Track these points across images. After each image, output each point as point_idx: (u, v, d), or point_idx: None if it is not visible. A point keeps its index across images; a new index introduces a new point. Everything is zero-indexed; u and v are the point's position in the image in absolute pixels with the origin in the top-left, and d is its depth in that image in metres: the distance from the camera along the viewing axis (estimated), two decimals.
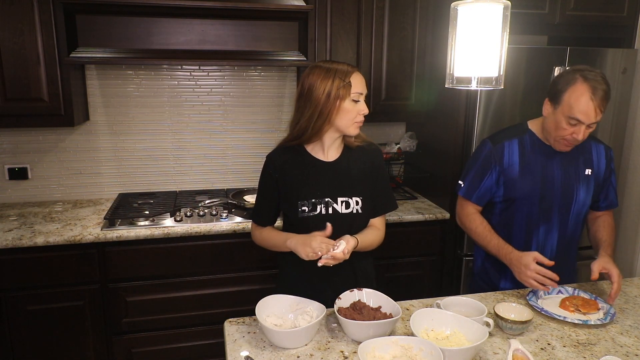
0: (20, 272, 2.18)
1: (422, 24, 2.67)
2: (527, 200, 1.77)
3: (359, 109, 1.54)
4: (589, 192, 1.79)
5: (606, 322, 1.51)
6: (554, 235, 1.81)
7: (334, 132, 1.58)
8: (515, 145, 1.78)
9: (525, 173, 1.76)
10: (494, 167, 1.79)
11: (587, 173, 1.78)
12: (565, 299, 1.64)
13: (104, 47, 2.35)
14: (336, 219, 1.58)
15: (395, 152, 2.97)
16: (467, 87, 1.27)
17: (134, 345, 2.38)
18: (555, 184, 1.76)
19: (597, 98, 1.58)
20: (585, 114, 1.59)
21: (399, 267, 2.64)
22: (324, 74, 1.51)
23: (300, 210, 1.59)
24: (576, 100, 1.59)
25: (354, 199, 1.61)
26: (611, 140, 2.68)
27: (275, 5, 2.39)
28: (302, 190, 1.59)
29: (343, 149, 1.65)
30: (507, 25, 1.21)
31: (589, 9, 2.59)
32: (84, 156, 2.75)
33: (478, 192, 1.83)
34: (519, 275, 1.66)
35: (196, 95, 2.82)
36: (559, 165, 1.77)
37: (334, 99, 1.50)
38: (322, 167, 1.61)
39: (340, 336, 1.42)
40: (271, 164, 1.63)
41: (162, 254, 2.31)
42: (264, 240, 1.70)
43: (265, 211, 1.70)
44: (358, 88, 1.53)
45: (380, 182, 1.70)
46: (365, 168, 1.65)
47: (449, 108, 2.58)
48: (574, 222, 1.81)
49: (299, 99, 1.56)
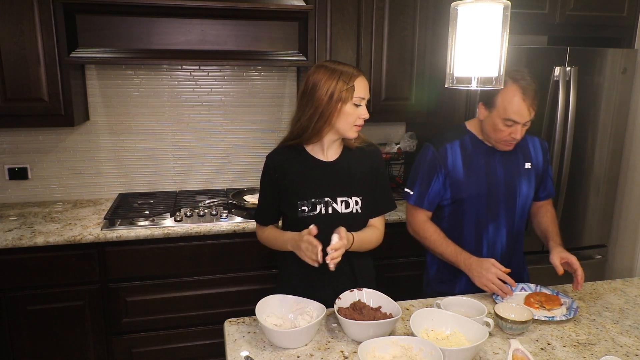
0: (20, 272, 2.18)
1: (422, 24, 2.67)
2: (474, 200, 1.79)
3: (360, 113, 1.54)
4: (531, 186, 1.83)
5: (570, 317, 1.54)
6: (502, 232, 1.83)
7: (333, 134, 1.58)
8: (457, 147, 1.80)
9: (470, 174, 1.79)
10: (439, 171, 1.80)
11: (527, 167, 1.82)
12: (529, 296, 1.66)
13: (104, 47, 2.35)
14: (336, 219, 1.58)
15: (395, 152, 2.97)
16: (467, 87, 1.27)
17: (134, 345, 2.38)
18: (499, 181, 1.79)
19: (529, 98, 1.63)
20: (519, 114, 1.64)
21: (399, 267, 2.64)
22: (329, 74, 1.51)
23: (300, 210, 1.59)
24: (509, 103, 1.64)
25: (353, 198, 1.62)
26: (611, 140, 2.68)
27: (275, 5, 2.39)
28: (301, 190, 1.59)
29: (342, 149, 1.65)
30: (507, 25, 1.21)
31: (589, 9, 2.59)
32: (84, 156, 2.75)
33: (428, 197, 1.82)
34: (479, 280, 1.67)
35: (196, 95, 2.82)
36: (500, 162, 1.79)
37: (336, 101, 1.50)
38: (322, 167, 1.61)
39: (340, 336, 1.42)
40: (271, 163, 1.63)
41: (162, 254, 2.31)
42: (267, 240, 1.70)
43: (267, 211, 1.70)
44: (361, 93, 1.53)
45: (380, 183, 1.70)
46: (364, 168, 1.66)
47: (449, 108, 2.58)
48: (519, 217, 1.85)
49: (302, 96, 1.56)
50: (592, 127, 2.63)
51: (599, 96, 2.60)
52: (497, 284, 1.63)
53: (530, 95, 1.63)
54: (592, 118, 2.62)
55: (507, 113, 1.64)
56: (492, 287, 1.64)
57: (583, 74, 2.53)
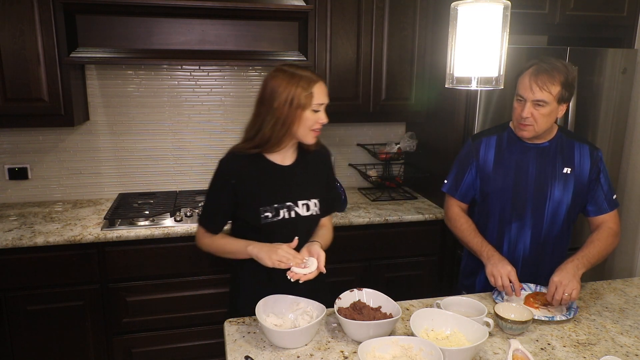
0: (20, 272, 2.18)
1: (422, 24, 2.67)
2: (499, 195, 1.79)
3: (318, 117, 1.53)
4: (567, 192, 1.76)
5: (570, 317, 1.54)
6: (526, 234, 1.80)
7: (291, 139, 1.57)
8: (493, 142, 1.82)
9: (499, 168, 1.79)
10: (472, 163, 1.84)
11: (565, 171, 1.76)
12: (529, 296, 1.66)
13: (104, 47, 2.35)
14: (299, 222, 1.59)
15: (395, 152, 2.97)
16: (467, 87, 1.27)
17: (134, 345, 2.38)
18: (529, 180, 1.77)
19: (541, 77, 1.63)
20: (525, 90, 1.66)
21: (399, 267, 2.64)
22: (287, 79, 1.48)
23: (263, 216, 1.56)
24: (521, 80, 1.69)
25: (312, 201, 1.62)
26: (611, 140, 2.68)
27: (275, 5, 2.39)
28: (263, 196, 1.57)
29: (298, 152, 1.64)
30: (507, 25, 1.21)
31: (589, 9, 2.59)
32: (84, 156, 2.75)
33: (461, 189, 1.87)
34: (490, 269, 1.67)
35: (196, 95, 2.82)
36: (534, 161, 1.77)
37: (295, 108, 1.48)
38: (281, 172, 1.60)
39: (340, 336, 1.42)
40: (228, 170, 1.57)
41: (162, 254, 2.31)
42: (217, 247, 1.63)
43: (218, 218, 1.63)
44: (320, 99, 1.51)
45: (331, 183, 1.73)
46: (319, 170, 1.68)
47: (449, 108, 2.58)
48: (549, 222, 1.78)
49: (260, 102, 1.53)
50: (592, 127, 2.63)
51: (599, 96, 2.60)
52: (504, 280, 1.62)
53: (542, 75, 1.63)
54: (592, 118, 2.62)
55: (517, 88, 1.69)
56: (497, 280, 1.63)
57: (583, 74, 2.52)
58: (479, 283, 1.88)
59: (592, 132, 2.64)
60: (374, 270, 2.60)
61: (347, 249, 2.52)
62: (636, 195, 2.75)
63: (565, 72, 1.65)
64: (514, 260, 1.80)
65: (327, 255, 1.55)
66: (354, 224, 2.49)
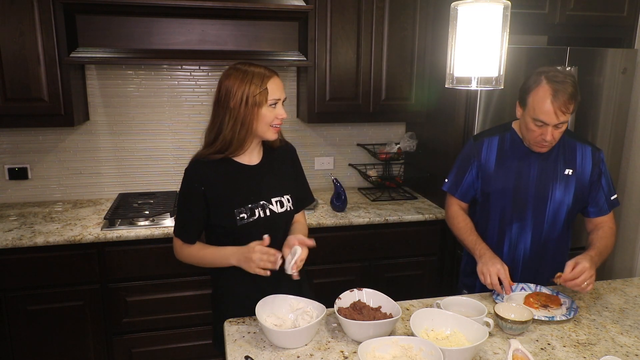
0: (20, 272, 2.18)
1: (422, 24, 2.67)
2: (500, 195, 1.79)
3: (277, 113, 1.51)
4: (568, 193, 1.76)
5: (570, 317, 1.53)
6: (527, 235, 1.79)
7: (253, 138, 1.55)
8: (495, 142, 1.81)
9: (500, 168, 1.79)
10: (473, 163, 1.83)
11: (566, 173, 1.75)
12: (529, 296, 1.66)
13: (104, 47, 2.35)
14: (275, 220, 1.59)
15: (395, 152, 2.97)
16: (467, 87, 1.27)
17: (134, 345, 2.38)
18: (530, 181, 1.76)
19: (559, 100, 1.57)
20: (547, 116, 1.59)
21: (399, 267, 2.64)
22: (240, 78, 1.46)
23: (238, 218, 1.53)
24: (538, 103, 1.60)
25: (285, 197, 1.62)
26: (611, 140, 2.68)
27: (275, 5, 2.39)
28: (236, 198, 1.54)
29: (263, 151, 1.64)
30: (507, 25, 1.21)
31: (589, 9, 2.59)
32: (84, 156, 2.75)
33: (461, 188, 1.87)
34: (481, 267, 1.67)
35: (196, 95, 2.82)
36: (535, 163, 1.76)
37: (251, 106, 1.46)
38: (250, 172, 1.58)
39: (340, 336, 1.42)
40: (195, 177, 1.52)
41: (162, 254, 2.31)
42: (197, 258, 1.58)
43: (193, 227, 1.57)
44: (275, 94, 1.49)
45: (300, 178, 1.73)
46: (286, 166, 1.68)
47: (449, 108, 2.58)
48: (550, 223, 1.78)
49: (217, 104, 1.50)
50: (592, 127, 2.63)
51: (599, 96, 2.60)
52: (493, 278, 1.63)
53: (562, 97, 1.56)
54: (592, 118, 2.62)
55: (536, 113, 1.61)
56: (486, 278, 1.64)
57: (583, 74, 2.52)
58: (479, 282, 1.87)
59: (592, 132, 2.64)
60: (374, 270, 2.60)
61: (347, 249, 2.52)
62: (636, 195, 2.75)
63: (573, 83, 1.61)
64: (515, 261, 1.80)
65: (327, 255, 1.55)
66: (354, 224, 2.49)
